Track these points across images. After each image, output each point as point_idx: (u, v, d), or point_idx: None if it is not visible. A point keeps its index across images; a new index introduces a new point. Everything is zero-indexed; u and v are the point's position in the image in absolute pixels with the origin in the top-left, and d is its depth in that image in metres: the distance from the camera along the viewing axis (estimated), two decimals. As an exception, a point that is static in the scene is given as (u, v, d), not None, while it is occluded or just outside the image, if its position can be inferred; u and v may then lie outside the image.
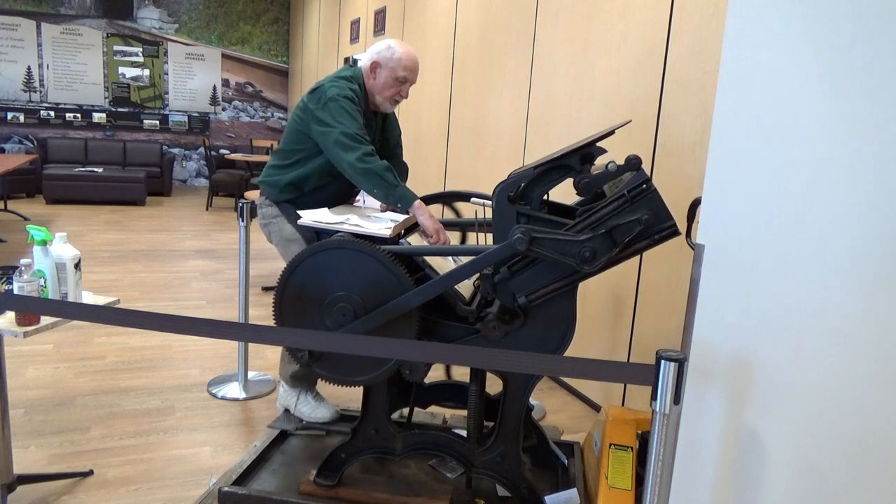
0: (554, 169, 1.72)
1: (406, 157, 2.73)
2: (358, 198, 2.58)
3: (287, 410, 2.52)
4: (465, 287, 1.96)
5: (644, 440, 2.00)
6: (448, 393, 2.27)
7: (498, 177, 3.65)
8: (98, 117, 9.05)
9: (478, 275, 2.14)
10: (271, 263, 5.41)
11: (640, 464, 1.96)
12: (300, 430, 2.42)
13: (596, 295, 2.98)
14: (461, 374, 3.03)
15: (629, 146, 2.72)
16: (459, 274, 1.71)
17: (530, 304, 1.73)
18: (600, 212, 1.64)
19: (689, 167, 2.41)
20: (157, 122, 9.38)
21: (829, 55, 1.11)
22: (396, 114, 2.60)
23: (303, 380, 2.45)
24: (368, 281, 1.74)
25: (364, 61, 2.35)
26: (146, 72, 9.22)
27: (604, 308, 2.94)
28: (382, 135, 2.55)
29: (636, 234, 1.62)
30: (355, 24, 6.65)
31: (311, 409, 2.44)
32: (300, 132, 2.28)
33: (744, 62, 1.25)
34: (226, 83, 9.68)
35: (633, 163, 1.63)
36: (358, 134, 2.11)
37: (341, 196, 2.41)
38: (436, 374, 2.79)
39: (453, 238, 2.14)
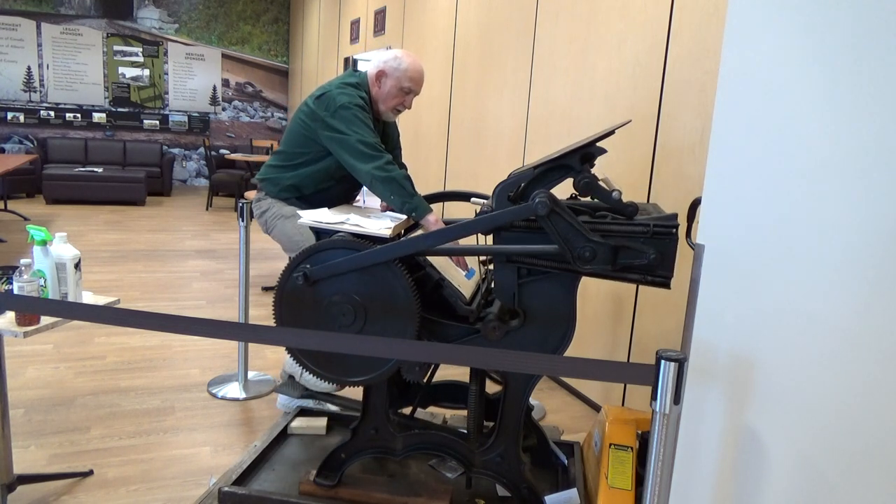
0: (554, 169, 1.72)
1: (406, 157, 2.73)
2: (358, 197, 2.58)
3: (292, 377, 2.52)
4: (466, 287, 1.96)
5: (644, 440, 2.00)
6: (448, 393, 2.27)
7: (498, 177, 3.65)
8: (98, 117, 9.05)
9: (478, 274, 2.14)
10: (271, 263, 5.41)
11: (640, 464, 1.96)
12: (305, 397, 2.41)
13: (596, 295, 2.99)
14: (461, 373, 3.03)
15: (629, 146, 2.72)
16: (459, 230, 1.68)
17: (510, 261, 1.72)
18: (619, 227, 1.64)
19: (689, 167, 2.41)
20: (157, 122, 9.38)
21: (829, 55, 1.11)
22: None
23: None
24: (369, 281, 1.74)
25: (370, 69, 2.35)
26: (146, 72, 9.22)
27: (604, 308, 2.94)
28: (382, 138, 2.55)
29: (636, 266, 1.63)
30: (355, 24, 6.65)
31: (317, 378, 2.44)
32: (304, 136, 2.28)
33: (744, 62, 1.25)
34: (226, 83, 9.68)
35: (630, 211, 1.67)
36: (376, 143, 2.13)
37: (341, 200, 2.42)
38: (441, 373, 2.79)
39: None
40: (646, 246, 1.62)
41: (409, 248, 1.70)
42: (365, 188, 2.57)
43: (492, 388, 2.14)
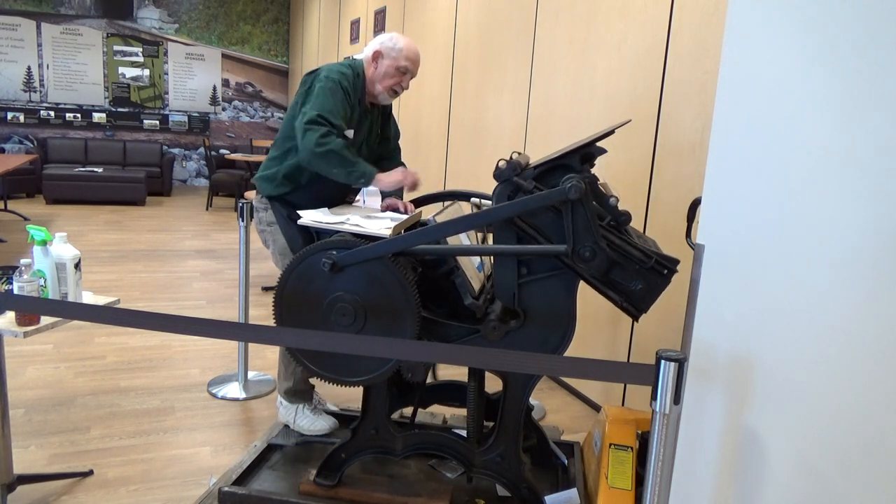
0: (554, 169, 1.72)
1: (406, 157, 2.73)
2: (357, 197, 2.57)
3: (286, 426, 2.51)
4: (476, 280, 1.96)
5: (644, 440, 2.00)
6: (448, 393, 2.26)
7: (498, 177, 3.64)
8: (98, 117, 9.05)
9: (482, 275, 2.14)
10: (271, 263, 5.40)
11: (640, 464, 1.96)
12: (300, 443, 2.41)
13: (596, 295, 2.98)
14: (459, 373, 3.03)
15: (629, 146, 2.72)
16: (490, 215, 1.66)
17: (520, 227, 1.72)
18: (625, 245, 1.67)
19: (689, 167, 2.41)
20: (157, 122, 9.38)
21: (829, 55, 1.11)
22: (395, 114, 2.60)
23: (298, 394, 2.44)
24: (369, 281, 1.74)
25: (366, 51, 2.36)
26: (146, 72, 9.22)
27: (604, 308, 2.94)
28: (382, 133, 2.55)
29: (617, 288, 1.67)
30: (355, 24, 6.65)
31: (309, 423, 2.43)
32: (294, 120, 2.29)
33: (744, 62, 1.25)
34: (226, 83, 9.68)
35: (623, 219, 1.70)
36: (321, 116, 2.09)
37: (339, 192, 2.40)
38: (443, 373, 2.79)
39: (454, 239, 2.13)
40: (638, 274, 1.65)
41: (437, 233, 1.69)
42: (365, 188, 2.56)
43: (492, 387, 2.13)
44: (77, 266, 1.97)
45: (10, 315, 1.84)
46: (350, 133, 2.31)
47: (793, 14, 1.16)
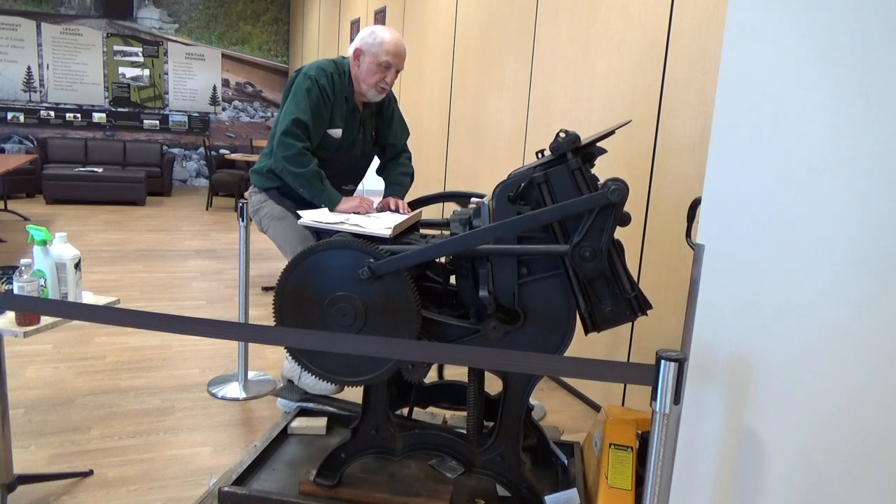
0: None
1: (406, 158, 2.72)
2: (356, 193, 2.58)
3: (291, 381, 2.51)
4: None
5: (644, 440, 2.00)
6: (448, 393, 2.26)
7: (498, 177, 3.65)
8: (98, 117, 9.05)
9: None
10: (271, 263, 5.41)
11: (640, 464, 1.96)
12: (304, 401, 2.41)
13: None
14: (459, 373, 3.03)
15: (629, 146, 2.72)
16: (527, 220, 1.65)
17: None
18: (620, 266, 1.70)
19: (689, 167, 2.41)
20: (157, 122, 9.38)
21: (830, 55, 1.11)
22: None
23: None
24: (370, 280, 1.74)
25: (350, 49, 2.35)
26: (146, 72, 9.22)
27: (604, 308, 2.94)
28: (385, 138, 2.54)
29: (590, 298, 1.70)
30: (355, 24, 6.65)
31: (314, 381, 2.42)
32: None
33: (744, 62, 1.25)
34: (226, 83, 9.68)
35: (623, 220, 1.73)
36: (297, 122, 2.17)
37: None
38: (446, 372, 2.79)
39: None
40: (614, 298, 1.69)
41: (475, 241, 1.69)
42: (364, 186, 2.57)
43: (492, 387, 2.13)
44: (77, 266, 1.97)
45: (10, 315, 1.84)
46: (338, 132, 2.31)
47: (793, 14, 1.16)
